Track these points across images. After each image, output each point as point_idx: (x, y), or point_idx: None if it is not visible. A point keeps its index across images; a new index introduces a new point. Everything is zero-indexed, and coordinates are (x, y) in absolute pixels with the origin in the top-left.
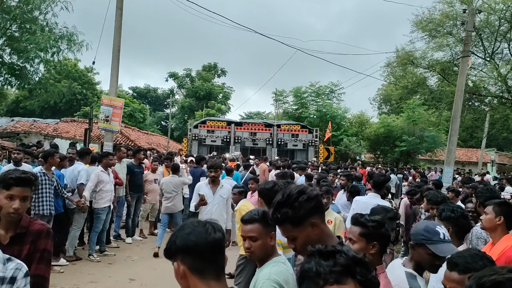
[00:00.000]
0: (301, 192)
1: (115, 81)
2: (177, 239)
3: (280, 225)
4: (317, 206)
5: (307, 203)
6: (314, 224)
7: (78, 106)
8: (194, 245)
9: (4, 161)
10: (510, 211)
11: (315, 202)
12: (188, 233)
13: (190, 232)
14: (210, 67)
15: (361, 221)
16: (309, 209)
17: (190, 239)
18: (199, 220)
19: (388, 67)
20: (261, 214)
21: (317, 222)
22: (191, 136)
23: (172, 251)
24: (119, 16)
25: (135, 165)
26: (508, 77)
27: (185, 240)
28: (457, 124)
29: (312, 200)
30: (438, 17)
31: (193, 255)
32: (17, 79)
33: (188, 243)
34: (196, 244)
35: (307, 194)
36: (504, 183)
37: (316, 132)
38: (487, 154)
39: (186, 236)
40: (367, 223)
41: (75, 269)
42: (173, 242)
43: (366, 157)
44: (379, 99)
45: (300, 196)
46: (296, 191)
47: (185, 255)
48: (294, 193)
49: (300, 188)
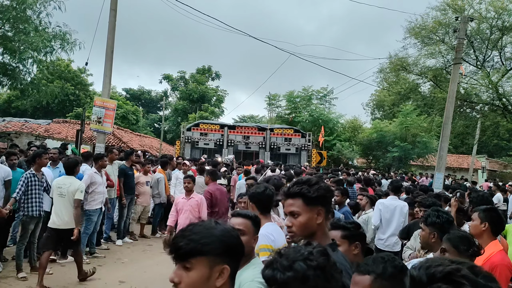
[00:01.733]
0: (313, 181)
1: (108, 82)
2: (224, 239)
3: (292, 198)
4: (328, 199)
5: (323, 190)
6: (320, 213)
7: (70, 107)
8: (242, 250)
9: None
10: (495, 218)
11: (328, 194)
12: (236, 236)
13: (237, 235)
14: (204, 70)
15: (341, 224)
16: (321, 196)
17: (240, 242)
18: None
19: (381, 72)
20: (254, 215)
21: (322, 213)
22: (184, 138)
23: (217, 251)
24: (112, 17)
25: (128, 167)
26: (499, 85)
27: (235, 242)
28: (448, 131)
29: (327, 191)
30: (431, 24)
31: (238, 260)
32: (9, 79)
33: (239, 247)
34: (243, 249)
35: (324, 184)
36: (494, 190)
37: (309, 137)
38: (478, 160)
39: (237, 239)
40: (347, 225)
41: (64, 271)
42: (216, 241)
43: (358, 162)
44: (372, 104)
45: (319, 182)
46: (310, 179)
47: (232, 259)
48: (314, 179)
49: (312, 179)
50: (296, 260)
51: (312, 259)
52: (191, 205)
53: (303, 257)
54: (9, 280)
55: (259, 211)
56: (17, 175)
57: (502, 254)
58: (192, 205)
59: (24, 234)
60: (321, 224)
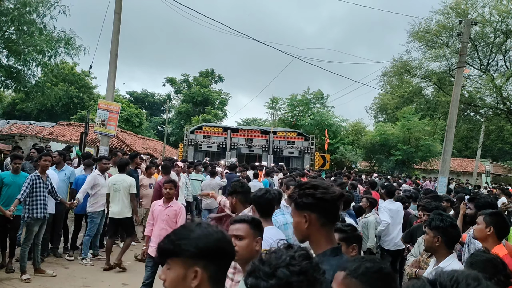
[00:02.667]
0: (316, 187)
1: (112, 85)
2: (200, 241)
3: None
4: (319, 205)
5: (310, 197)
6: (307, 219)
7: (74, 110)
8: (224, 253)
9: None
10: (501, 222)
11: (317, 201)
12: (217, 239)
13: (220, 238)
14: (207, 73)
15: (337, 227)
16: (307, 203)
17: (220, 245)
18: (213, 226)
19: (384, 76)
20: (251, 218)
21: (310, 218)
22: (187, 141)
23: (190, 253)
24: (117, 20)
25: (132, 169)
26: (503, 89)
27: (212, 245)
28: (452, 134)
29: (316, 198)
30: (435, 28)
31: (217, 264)
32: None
33: (218, 250)
34: (226, 253)
35: (319, 191)
36: (498, 194)
37: (312, 140)
38: (482, 164)
39: (216, 242)
40: (343, 228)
41: (68, 273)
42: (192, 243)
43: (361, 166)
44: (376, 107)
45: (311, 189)
46: (316, 184)
47: (209, 263)
48: (311, 185)
49: (320, 183)
50: (278, 266)
51: (294, 264)
52: (168, 214)
53: (285, 263)
54: (13, 281)
55: (259, 215)
56: (20, 179)
57: (508, 259)
58: (169, 215)
59: (28, 236)
60: (311, 229)
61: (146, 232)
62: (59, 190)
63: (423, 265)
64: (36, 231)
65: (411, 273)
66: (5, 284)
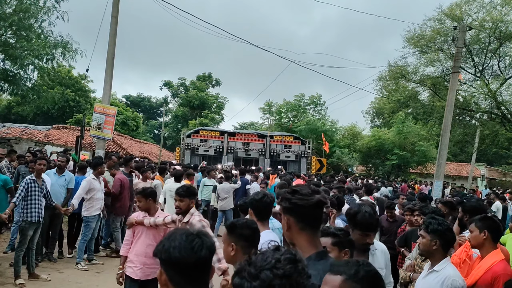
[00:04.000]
0: (294, 192)
1: (108, 89)
2: (163, 248)
3: None
4: (295, 210)
5: (286, 201)
6: (288, 222)
7: (70, 113)
8: (177, 261)
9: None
10: (493, 225)
11: (293, 206)
12: (174, 247)
13: (176, 246)
14: (204, 76)
15: (330, 231)
16: (285, 207)
17: (175, 254)
18: (190, 233)
19: (380, 80)
20: (229, 223)
21: (290, 222)
22: (184, 145)
23: (157, 257)
24: (114, 24)
25: (126, 173)
26: (497, 93)
27: (169, 253)
28: (447, 139)
29: (292, 203)
30: (429, 34)
31: (174, 270)
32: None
33: (172, 258)
34: (179, 260)
35: (296, 197)
36: (492, 198)
37: (309, 144)
38: (477, 168)
39: (172, 250)
40: (336, 232)
41: (63, 278)
42: (160, 250)
43: (358, 170)
44: (372, 112)
45: (289, 194)
46: (296, 189)
47: (168, 267)
48: (291, 190)
49: (300, 189)
50: (263, 269)
51: (279, 267)
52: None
53: (270, 266)
54: (7, 286)
55: (257, 218)
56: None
57: (504, 263)
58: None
59: (22, 240)
60: (291, 232)
61: (122, 252)
62: (57, 195)
63: (417, 269)
64: (30, 235)
65: (405, 277)
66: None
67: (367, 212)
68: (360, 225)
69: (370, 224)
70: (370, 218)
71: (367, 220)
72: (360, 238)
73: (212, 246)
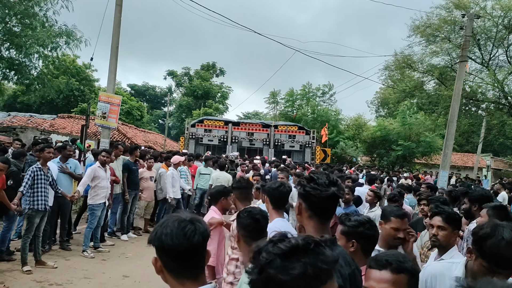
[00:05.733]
0: (310, 180)
1: (113, 78)
2: (156, 235)
3: None
4: (307, 197)
5: (301, 187)
6: (299, 206)
7: (75, 102)
8: (170, 247)
9: None
10: (504, 215)
11: (306, 193)
12: (166, 234)
13: (168, 233)
14: (208, 66)
15: (342, 219)
16: (299, 192)
17: (167, 241)
18: (181, 218)
19: (386, 70)
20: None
21: (301, 207)
22: (188, 135)
23: (151, 244)
24: (118, 12)
25: (132, 162)
26: (504, 83)
27: (162, 240)
28: (453, 129)
29: (305, 191)
30: (436, 22)
31: (168, 256)
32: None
33: (165, 245)
34: (172, 247)
35: (310, 186)
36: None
37: (313, 134)
38: (482, 159)
39: (164, 237)
40: (346, 222)
41: (69, 265)
42: (153, 238)
43: (362, 160)
44: (377, 102)
45: (305, 180)
46: (312, 177)
47: (161, 254)
48: (308, 176)
49: (317, 178)
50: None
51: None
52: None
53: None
54: (14, 273)
55: (272, 206)
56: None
57: None
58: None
59: (29, 227)
60: (301, 217)
61: (211, 262)
62: (63, 182)
63: (423, 258)
64: (37, 222)
65: None
66: (6, 275)
67: (504, 239)
68: (489, 255)
69: (506, 259)
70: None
71: (503, 251)
72: (486, 270)
73: (205, 232)
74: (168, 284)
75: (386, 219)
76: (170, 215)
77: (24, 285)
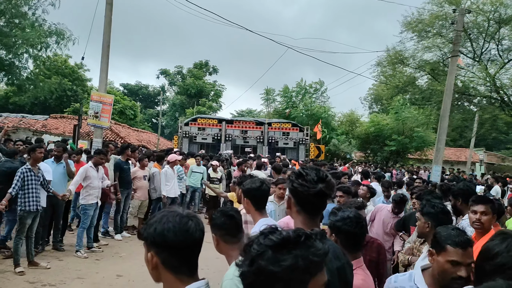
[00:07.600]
0: (299, 176)
1: (104, 77)
2: (155, 231)
3: None
4: (295, 193)
5: (289, 183)
6: (289, 202)
7: (68, 103)
8: (172, 243)
9: None
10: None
11: (294, 189)
12: (168, 229)
13: (171, 228)
14: (201, 64)
15: (333, 212)
16: (289, 188)
17: (169, 236)
18: (181, 214)
19: (378, 66)
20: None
21: (290, 201)
22: (182, 133)
23: (148, 240)
24: (108, 11)
25: (123, 161)
26: (496, 77)
27: (163, 236)
28: (445, 123)
29: (293, 186)
30: (428, 18)
31: (169, 252)
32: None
33: (167, 240)
34: (175, 242)
35: (298, 181)
36: (491, 182)
37: (307, 131)
38: (475, 153)
39: (166, 232)
40: (331, 216)
41: (62, 266)
42: (150, 232)
43: (356, 156)
44: (370, 98)
45: (294, 175)
46: (301, 173)
47: (161, 250)
48: (296, 172)
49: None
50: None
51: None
52: None
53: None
54: (6, 274)
55: (254, 207)
56: None
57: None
58: None
59: (21, 228)
60: (290, 211)
61: None
62: (57, 183)
63: (416, 252)
64: (29, 223)
65: (404, 260)
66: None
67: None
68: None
69: None
70: None
71: None
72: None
73: (203, 228)
74: (163, 282)
75: (439, 247)
76: (165, 210)
77: (17, 286)
